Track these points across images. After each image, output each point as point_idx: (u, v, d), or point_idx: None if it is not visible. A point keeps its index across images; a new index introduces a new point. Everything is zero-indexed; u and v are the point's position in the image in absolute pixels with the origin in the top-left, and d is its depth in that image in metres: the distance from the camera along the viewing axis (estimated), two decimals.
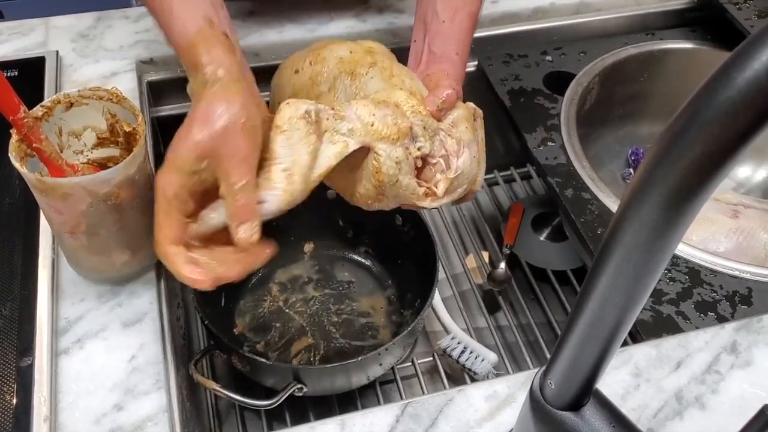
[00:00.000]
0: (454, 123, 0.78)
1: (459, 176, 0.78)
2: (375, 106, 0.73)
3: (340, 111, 0.73)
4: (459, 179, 0.78)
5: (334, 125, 0.72)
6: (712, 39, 1.28)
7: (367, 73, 0.79)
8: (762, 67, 0.31)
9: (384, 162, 0.73)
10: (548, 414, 0.56)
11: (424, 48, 0.88)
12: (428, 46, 0.88)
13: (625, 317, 0.45)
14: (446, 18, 0.88)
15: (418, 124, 0.74)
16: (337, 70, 0.81)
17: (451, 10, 0.88)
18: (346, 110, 0.73)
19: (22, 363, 0.74)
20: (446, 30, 0.88)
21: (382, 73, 0.78)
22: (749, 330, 0.82)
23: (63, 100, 0.77)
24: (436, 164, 0.77)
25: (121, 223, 0.77)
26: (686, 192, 0.36)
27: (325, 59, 0.82)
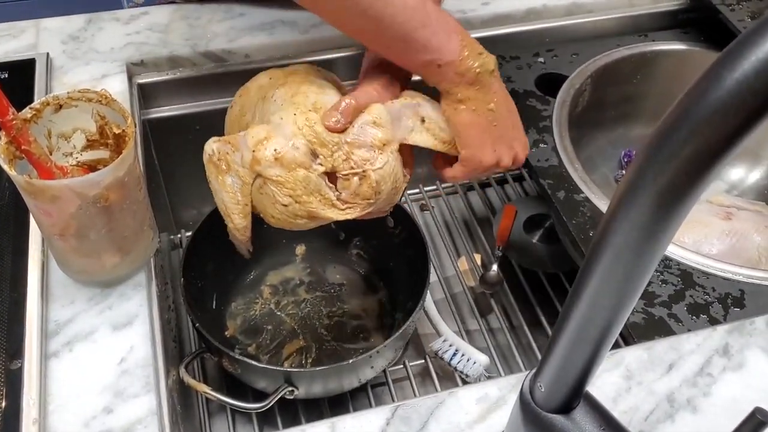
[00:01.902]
0: (361, 130, 0.77)
1: (379, 182, 0.78)
2: (266, 132, 0.74)
3: (235, 141, 0.75)
4: (380, 185, 0.78)
5: (233, 159, 0.75)
6: (705, 40, 1.28)
7: (273, 96, 0.80)
8: (751, 67, 0.31)
9: (276, 189, 0.75)
10: (538, 417, 0.55)
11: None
12: None
13: (616, 319, 0.45)
14: None
15: (314, 142, 0.75)
16: (255, 98, 0.83)
17: None
18: (238, 141, 0.75)
19: (12, 366, 0.74)
20: None
21: (285, 93, 0.79)
22: (741, 332, 0.82)
23: (52, 102, 0.77)
24: (348, 176, 0.76)
25: (110, 225, 0.76)
26: (676, 192, 0.36)
27: (248, 89, 0.85)
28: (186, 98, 1.18)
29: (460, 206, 1.38)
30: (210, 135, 1.20)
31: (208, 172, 0.78)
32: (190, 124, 1.20)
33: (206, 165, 0.77)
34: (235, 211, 0.77)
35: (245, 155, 0.74)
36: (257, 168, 0.74)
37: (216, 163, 0.75)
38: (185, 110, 1.19)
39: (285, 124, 0.75)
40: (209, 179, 0.78)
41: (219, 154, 0.75)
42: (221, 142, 0.76)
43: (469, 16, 1.26)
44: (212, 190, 0.79)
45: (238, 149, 0.74)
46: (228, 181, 0.76)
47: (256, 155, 0.73)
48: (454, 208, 1.36)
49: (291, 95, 0.78)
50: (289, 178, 0.74)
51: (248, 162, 0.74)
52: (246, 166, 0.74)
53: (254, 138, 0.74)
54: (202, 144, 1.21)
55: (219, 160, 0.75)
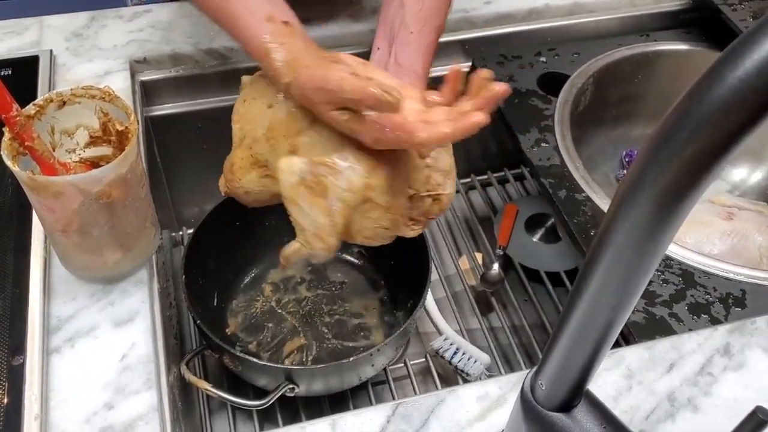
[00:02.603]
0: (438, 155, 0.79)
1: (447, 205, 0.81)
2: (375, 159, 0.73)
3: (333, 164, 0.72)
4: (446, 208, 0.82)
5: (333, 182, 0.72)
6: (707, 40, 1.28)
7: None
8: (753, 66, 0.31)
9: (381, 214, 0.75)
10: (539, 415, 0.56)
11: (390, 58, 0.88)
12: (395, 56, 0.88)
13: (617, 318, 0.45)
14: (415, 30, 0.88)
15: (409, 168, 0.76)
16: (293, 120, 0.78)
17: (420, 23, 0.88)
18: (336, 164, 0.72)
19: (14, 362, 0.74)
20: (414, 42, 0.88)
21: None
22: (742, 332, 0.82)
23: (55, 98, 0.77)
24: (423, 198, 0.78)
25: (113, 222, 0.76)
26: (677, 192, 0.36)
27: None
28: (188, 96, 1.18)
29: (462, 205, 1.38)
30: (212, 132, 1.21)
31: (295, 193, 0.74)
32: (192, 121, 1.20)
33: (295, 186, 0.73)
34: (331, 232, 0.75)
35: (354, 181, 0.72)
36: (370, 194, 0.73)
37: (311, 186, 0.72)
38: (187, 108, 1.19)
39: None
40: (297, 201, 0.74)
41: (314, 177, 0.72)
42: (310, 164, 0.72)
43: (472, 16, 1.26)
44: (298, 211, 0.75)
45: (341, 173, 0.72)
46: (324, 204, 0.73)
47: (369, 182, 0.72)
48: (456, 207, 1.36)
49: None
50: (394, 204, 0.75)
51: (359, 188, 0.72)
52: (355, 192, 0.72)
53: (364, 165, 0.72)
54: (204, 141, 1.22)
55: (315, 184, 0.72)
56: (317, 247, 0.76)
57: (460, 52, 1.27)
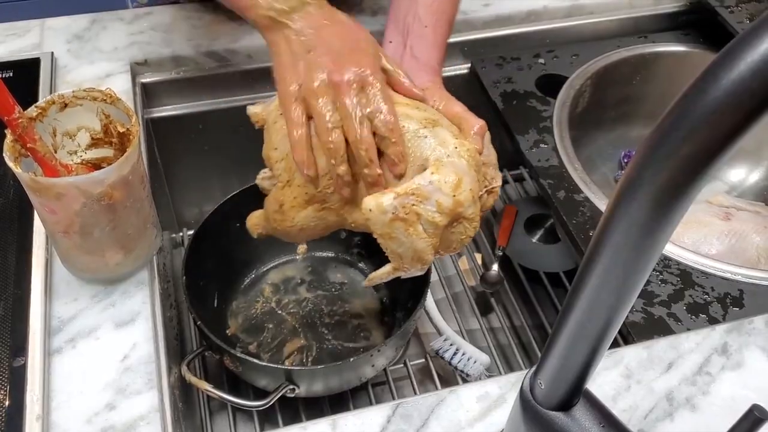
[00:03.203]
0: (488, 151, 0.79)
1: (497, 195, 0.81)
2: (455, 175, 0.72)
3: (420, 191, 0.71)
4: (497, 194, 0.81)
5: (424, 208, 0.72)
6: (705, 42, 1.28)
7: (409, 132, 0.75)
8: (747, 68, 0.32)
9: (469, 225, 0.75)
10: (538, 414, 0.56)
11: (405, 52, 0.88)
12: (410, 50, 0.88)
13: (615, 317, 0.46)
14: (429, 24, 0.88)
15: (476, 170, 0.75)
16: None
17: (433, 16, 0.88)
18: (423, 190, 0.71)
19: (16, 363, 0.74)
20: (429, 36, 0.88)
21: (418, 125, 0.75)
22: (740, 332, 0.83)
23: (57, 100, 0.77)
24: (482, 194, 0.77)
25: (114, 223, 0.77)
26: (674, 191, 0.36)
27: None
28: (189, 98, 1.19)
29: None
30: (213, 134, 1.21)
31: (390, 230, 0.73)
32: (193, 123, 1.20)
33: (389, 223, 0.72)
34: (429, 252, 0.74)
35: (444, 201, 0.71)
36: (459, 210, 0.72)
37: (405, 218, 0.72)
38: (188, 109, 1.19)
39: (453, 159, 0.73)
40: (394, 235, 0.73)
41: (405, 209, 0.71)
42: (399, 197, 0.71)
43: (471, 18, 1.26)
44: (396, 243, 0.74)
45: (428, 198, 0.71)
46: (420, 229, 0.72)
47: (458, 199, 0.71)
48: None
49: (426, 125, 0.75)
50: (478, 212, 0.74)
51: (449, 208, 0.71)
52: (445, 212, 0.72)
53: (449, 183, 0.71)
54: (204, 143, 1.23)
55: (407, 214, 0.71)
56: (416, 268, 0.77)
57: (459, 54, 1.27)
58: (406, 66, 0.86)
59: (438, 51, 0.88)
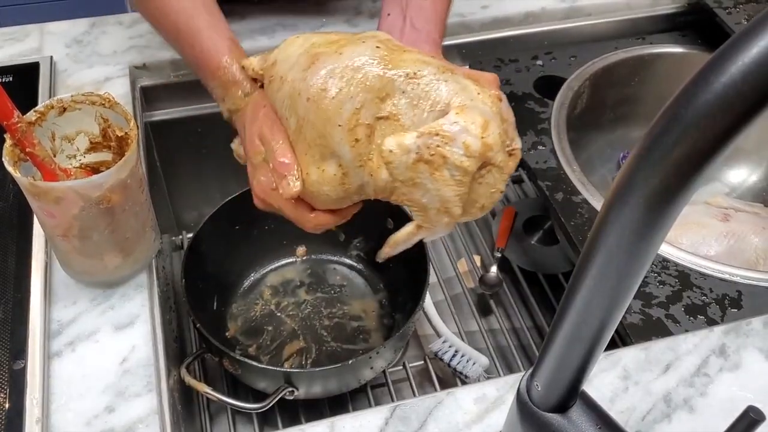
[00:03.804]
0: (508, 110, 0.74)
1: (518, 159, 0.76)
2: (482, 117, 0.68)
3: (445, 130, 0.67)
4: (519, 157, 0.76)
5: (451, 150, 0.67)
6: (703, 43, 1.29)
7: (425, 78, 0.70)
8: (738, 72, 0.32)
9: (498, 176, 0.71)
10: (535, 416, 0.56)
11: (405, 24, 0.87)
12: (410, 21, 0.87)
13: (610, 318, 0.46)
14: None
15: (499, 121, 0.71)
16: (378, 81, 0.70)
17: None
18: (448, 131, 0.67)
19: (15, 366, 0.74)
20: (429, 8, 0.87)
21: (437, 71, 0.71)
22: (738, 333, 0.83)
23: (56, 105, 0.78)
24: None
25: (113, 226, 0.77)
26: (667, 193, 0.37)
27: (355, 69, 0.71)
28: (188, 101, 1.19)
29: None
30: (211, 137, 1.22)
31: (414, 173, 0.69)
32: (191, 126, 1.21)
33: (413, 165, 0.68)
34: (458, 203, 0.70)
35: (472, 143, 0.66)
36: (489, 155, 0.68)
37: (430, 160, 0.67)
38: (187, 113, 1.20)
39: (477, 103, 0.69)
40: (418, 180, 0.69)
41: (430, 149, 0.67)
42: (423, 136, 0.67)
43: (468, 20, 1.26)
44: (420, 191, 0.70)
45: (454, 139, 0.66)
46: (446, 174, 0.68)
47: (486, 141, 0.67)
48: None
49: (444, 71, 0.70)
50: (509, 163, 0.71)
51: (477, 150, 0.67)
52: (474, 155, 0.67)
53: (476, 125, 0.67)
54: (203, 146, 1.23)
55: (432, 155, 0.67)
56: (442, 223, 0.72)
57: (457, 56, 1.28)
58: (407, 39, 0.85)
59: (439, 23, 0.87)
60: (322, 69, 0.71)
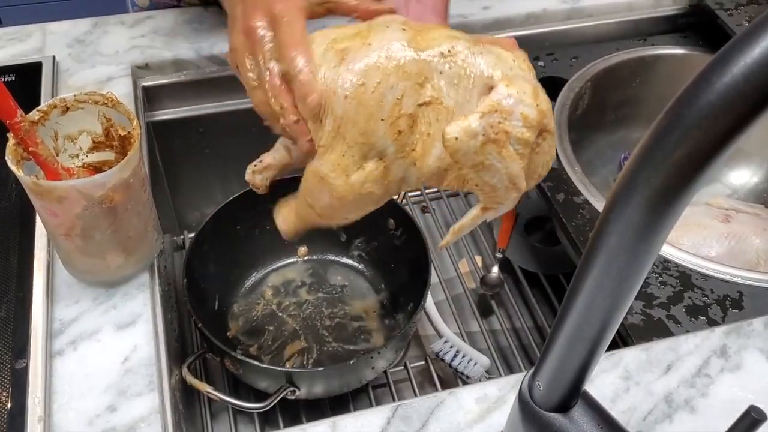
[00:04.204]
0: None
1: None
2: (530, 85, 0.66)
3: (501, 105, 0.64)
4: None
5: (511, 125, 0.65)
6: (704, 44, 1.29)
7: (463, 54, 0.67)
8: (740, 72, 0.32)
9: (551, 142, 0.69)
10: (537, 415, 0.56)
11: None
12: None
13: (612, 319, 0.46)
14: None
15: None
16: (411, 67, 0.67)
17: None
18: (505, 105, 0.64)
19: (17, 365, 0.74)
20: None
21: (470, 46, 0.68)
22: (739, 334, 0.83)
23: (59, 104, 0.78)
24: None
25: (115, 225, 0.77)
26: (668, 195, 0.37)
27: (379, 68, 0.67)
28: (190, 101, 1.19)
29: (461, 208, 1.39)
30: (214, 137, 1.22)
31: (483, 155, 0.66)
32: (193, 126, 1.21)
33: (482, 149, 0.65)
34: (523, 176, 0.67)
35: (529, 113, 0.64)
36: (544, 121, 0.66)
37: (495, 139, 0.64)
38: (189, 113, 1.20)
39: (517, 71, 0.67)
40: (488, 162, 0.66)
41: (494, 128, 0.64)
42: (485, 116, 0.64)
43: (470, 21, 1.26)
44: (490, 173, 0.67)
45: (512, 112, 0.64)
46: (511, 150, 0.65)
47: (541, 108, 0.65)
48: (455, 210, 1.37)
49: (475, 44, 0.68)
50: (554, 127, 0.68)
51: (535, 119, 0.65)
52: (533, 125, 0.65)
53: (527, 93, 0.64)
54: (205, 146, 1.23)
55: (497, 134, 0.64)
56: (511, 199, 0.70)
57: None
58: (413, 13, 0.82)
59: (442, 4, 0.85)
60: (356, 63, 0.67)
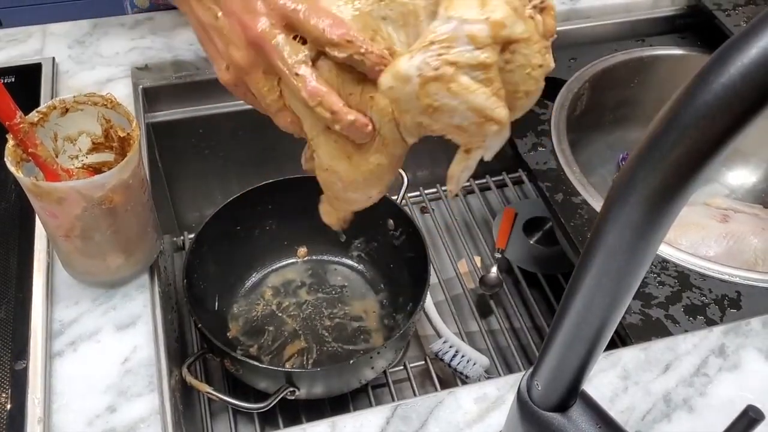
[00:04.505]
0: None
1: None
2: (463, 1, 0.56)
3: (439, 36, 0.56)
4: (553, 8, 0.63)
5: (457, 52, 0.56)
6: (702, 45, 1.29)
7: None
8: (738, 73, 0.32)
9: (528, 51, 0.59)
10: (535, 415, 0.56)
11: None
12: None
13: (610, 318, 0.46)
14: None
15: None
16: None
17: None
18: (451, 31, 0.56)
19: (17, 366, 0.75)
20: None
21: None
22: (737, 333, 0.83)
23: (58, 105, 0.78)
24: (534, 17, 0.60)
25: (115, 227, 0.77)
26: (666, 193, 0.37)
27: None
28: (189, 102, 1.19)
29: (460, 208, 1.39)
30: (213, 138, 1.22)
31: (430, 98, 0.57)
32: (193, 127, 1.21)
33: (423, 91, 0.57)
34: (496, 103, 0.58)
35: (477, 31, 0.55)
36: (503, 33, 0.56)
37: (438, 75, 0.56)
38: (189, 114, 1.20)
39: None
40: (438, 103, 0.57)
41: (433, 64, 0.56)
42: (416, 54, 0.57)
43: None
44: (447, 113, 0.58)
45: (456, 37, 0.55)
46: (464, 80, 0.56)
47: (492, 19, 0.55)
48: (454, 211, 1.37)
49: None
50: (533, 30, 0.59)
51: (488, 36, 0.55)
52: (487, 42, 0.55)
53: (471, 7, 0.56)
54: (205, 147, 1.23)
55: (437, 69, 0.56)
56: (491, 132, 0.59)
57: None
58: None
59: None
60: None
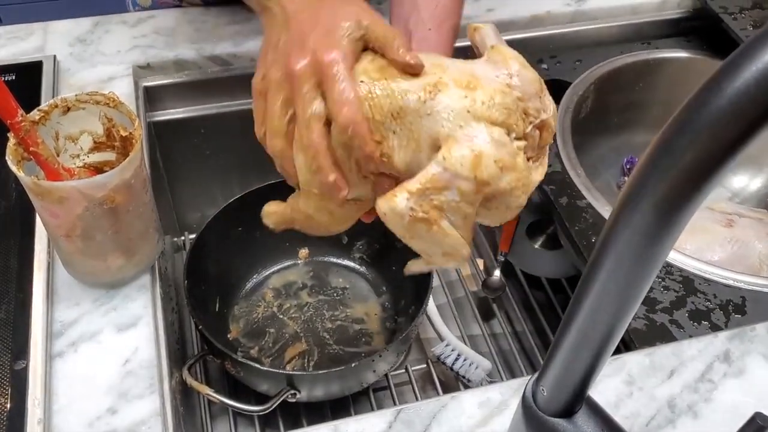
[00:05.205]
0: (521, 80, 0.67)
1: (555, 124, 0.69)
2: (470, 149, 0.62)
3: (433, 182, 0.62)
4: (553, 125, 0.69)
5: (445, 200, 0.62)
6: (708, 48, 1.28)
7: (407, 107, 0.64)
8: (752, 77, 0.32)
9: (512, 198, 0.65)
10: (540, 420, 0.56)
11: None
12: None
13: (617, 324, 0.46)
14: (433, 27, 0.86)
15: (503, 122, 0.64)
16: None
17: (437, 20, 0.87)
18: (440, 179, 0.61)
19: (17, 366, 0.74)
20: (433, 39, 0.86)
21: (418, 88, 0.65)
22: (742, 339, 0.83)
23: (60, 104, 0.77)
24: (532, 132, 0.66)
25: (116, 227, 0.77)
26: (677, 200, 0.36)
27: None
28: (191, 101, 1.19)
29: None
30: (215, 138, 1.22)
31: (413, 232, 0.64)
32: (195, 127, 1.20)
33: (410, 226, 0.63)
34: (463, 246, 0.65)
35: (465, 187, 0.61)
36: (486, 190, 0.62)
37: (424, 218, 0.62)
38: (191, 113, 1.19)
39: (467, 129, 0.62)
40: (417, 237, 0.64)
41: (422, 207, 0.62)
42: (413, 195, 0.62)
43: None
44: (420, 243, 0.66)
45: (447, 187, 0.61)
46: (445, 225, 0.63)
47: (480, 178, 0.61)
48: None
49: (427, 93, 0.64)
50: (521, 176, 0.63)
51: (472, 191, 0.61)
52: (470, 199, 0.62)
53: (465, 163, 0.61)
54: (207, 147, 1.23)
55: (426, 213, 0.62)
56: (449, 265, 0.69)
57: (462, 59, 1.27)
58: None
59: (443, 53, 0.86)
60: None
